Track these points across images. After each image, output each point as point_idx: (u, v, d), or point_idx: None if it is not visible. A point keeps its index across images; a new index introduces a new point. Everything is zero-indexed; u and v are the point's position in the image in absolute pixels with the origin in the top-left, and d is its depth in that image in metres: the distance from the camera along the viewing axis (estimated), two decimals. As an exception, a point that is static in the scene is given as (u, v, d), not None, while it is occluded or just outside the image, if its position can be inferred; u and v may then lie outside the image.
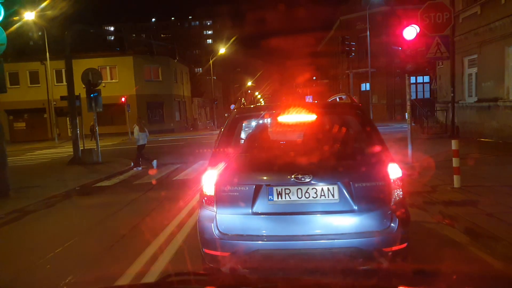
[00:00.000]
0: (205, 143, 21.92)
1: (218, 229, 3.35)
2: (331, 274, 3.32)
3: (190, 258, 4.45)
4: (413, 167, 9.55)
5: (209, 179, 3.47)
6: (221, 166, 3.48)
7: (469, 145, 12.51)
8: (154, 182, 10.37)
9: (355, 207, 3.29)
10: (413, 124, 11.89)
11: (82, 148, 15.04)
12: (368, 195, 3.33)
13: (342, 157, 3.77)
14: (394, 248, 3.25)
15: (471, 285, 3.94)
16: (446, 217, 5.62)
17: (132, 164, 12.36)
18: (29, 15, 23.10)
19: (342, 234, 3.26)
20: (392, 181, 3.36)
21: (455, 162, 7.21)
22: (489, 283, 4.11)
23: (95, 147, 14.92)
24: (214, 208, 3.41)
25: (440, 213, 5.80)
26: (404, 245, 3.31)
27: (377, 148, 3.60)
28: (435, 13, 9.78)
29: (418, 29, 9.53)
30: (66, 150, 15.13)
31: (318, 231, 3.29)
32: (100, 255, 4.95)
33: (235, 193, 3.38)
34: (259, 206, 3.34)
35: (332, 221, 3.31)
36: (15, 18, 22.94)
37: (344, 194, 3.31)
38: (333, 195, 3.31)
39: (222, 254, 3.30)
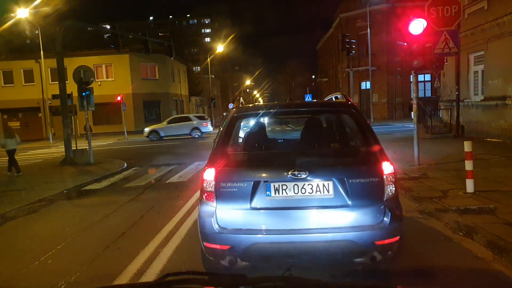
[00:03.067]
0: (201, 143, 21.39)
1: (218, 224, 3.45)
2: (328, 267, 3.59)
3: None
4: (420, 169, 9.07)
5: (209, 176, 3.53)
6: (221, 163, 3.57)
7: (476, 145, 11.96)
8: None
9: (350, 202, 3.39)
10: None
11: (75, 148, 14.58)
12: (362, 190, 3.42)
13: (337, 154, 3.99)
14: (387, 241, 3.35)
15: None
16: (463, 227, 5.09)
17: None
18: (23, 13, 22.53)
19: (337, 228, 3.36)
20: (385, 177, 3.46)
21: (468, 165, 6.68)
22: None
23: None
24: (214, 204, 3.49)
25: (456, 223, 5.27)
26: (396, 238, 3.41)
27: (371, 146, 3.71)
28: (443, 6, 9.28)
29: (425, 23, 9.02)
30: (60, 150, 14.74)
31: (314, 225, 3.37)
32: (76, 270, 4.41)
33: (234, 189, 3.46)
34: (257, 202, 3.43)
35: (328, 215, 3.39)
36: (11, 15, 22.49)
37: (339, 189, 3.41)
38: (328, 191, 3.42)
39: (221, 247, 3.39)
